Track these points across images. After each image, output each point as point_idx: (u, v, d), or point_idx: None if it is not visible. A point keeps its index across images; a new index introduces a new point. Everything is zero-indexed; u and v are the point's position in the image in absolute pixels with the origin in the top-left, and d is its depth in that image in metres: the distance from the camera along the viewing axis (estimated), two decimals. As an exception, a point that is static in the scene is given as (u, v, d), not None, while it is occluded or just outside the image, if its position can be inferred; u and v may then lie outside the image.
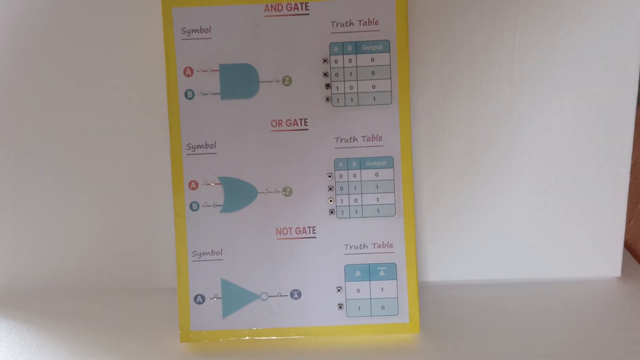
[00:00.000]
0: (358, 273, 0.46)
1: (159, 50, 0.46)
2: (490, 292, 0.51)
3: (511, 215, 0.51)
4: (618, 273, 0.52)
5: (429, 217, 0.51)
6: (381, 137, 0.46)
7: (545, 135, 0.49)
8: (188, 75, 0.46)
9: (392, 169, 0.46)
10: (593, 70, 0.48)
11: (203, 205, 0.46)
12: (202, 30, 0.46)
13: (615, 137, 0.49)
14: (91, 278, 0.53)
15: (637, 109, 0.49)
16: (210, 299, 0.46)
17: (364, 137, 0.46)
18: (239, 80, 0.46)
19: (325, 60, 0.46)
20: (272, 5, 0.45)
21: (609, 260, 0.52)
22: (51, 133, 0.51)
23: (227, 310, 0.46)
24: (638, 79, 0.48)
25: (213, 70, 0.46)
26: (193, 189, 0.46)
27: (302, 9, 0.46)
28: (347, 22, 0.46)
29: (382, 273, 0.46)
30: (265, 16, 0.46)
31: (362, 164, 0.46)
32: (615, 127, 0.49)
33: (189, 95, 0.46)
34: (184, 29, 0.46)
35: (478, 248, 0.51)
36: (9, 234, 0.52)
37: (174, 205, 0.46)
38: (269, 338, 0.46)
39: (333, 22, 0.46)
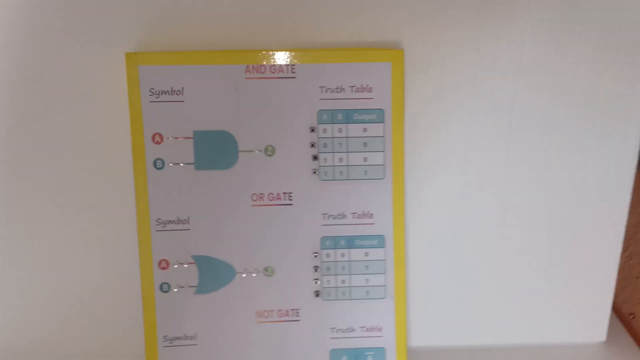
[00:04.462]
0: (344, 358, 0.43)
1: (125, 113, 0.41)
2: (476, 358, 0.49)
3: (499, 284, 0.48)
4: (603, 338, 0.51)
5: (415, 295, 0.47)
6: (372, 214, 0.42)
7: (538, 202, 0.46)
8: (157, 143, 0.41)
9: (383, 248, 0.42)
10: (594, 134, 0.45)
11: (175, 287, 0.42)
12: (173, 92, 0.40)
13: (611, 204, 0.47)
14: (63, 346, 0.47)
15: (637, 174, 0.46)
16: (183, 386, 0.42)
17: (353, 213, 0.42)
18: (215, 149, 0.41)
19: (312, 129, 0.41)
20: (254, 67, 0.40)
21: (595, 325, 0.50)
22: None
23: (201, 398, 0.42)
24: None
25: (186, 137, 0.41)
26: (164, 268, 0.42)
27: (287, 72, 0.40)
28: (337, 88, 0.41)
29: (369, 359, 0.43)
30: (246, 78, 0.40)
31: (351, 242, 0.42)
32: (612, 195, 0.46)
33: (158, 164, 0.41)
34: (152, 90, 0.40)
35: (465, 314, 0.49)
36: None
37: (141, 286, 0.42)
38: None
39: (322, 88, 0.41)
